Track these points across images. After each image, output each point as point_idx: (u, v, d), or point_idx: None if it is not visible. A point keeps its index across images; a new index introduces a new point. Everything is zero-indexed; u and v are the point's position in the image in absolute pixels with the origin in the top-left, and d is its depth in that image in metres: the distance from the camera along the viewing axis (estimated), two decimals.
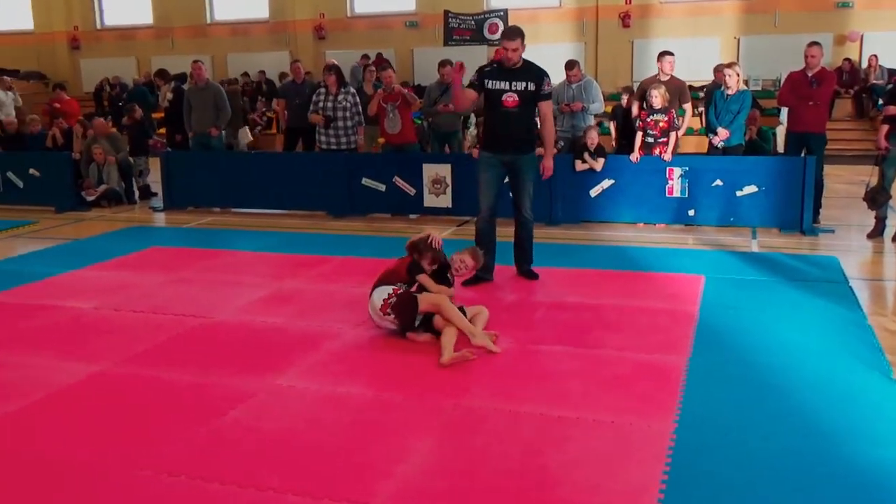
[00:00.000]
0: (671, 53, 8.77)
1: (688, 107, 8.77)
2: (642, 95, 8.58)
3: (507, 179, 6.15)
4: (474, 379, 4.18)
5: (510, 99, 5.80)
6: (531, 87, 5.81)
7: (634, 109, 8.78)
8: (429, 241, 4.90)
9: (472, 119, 12.60)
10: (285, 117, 10.89)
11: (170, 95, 11.46)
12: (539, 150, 6.24)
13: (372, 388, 4.07)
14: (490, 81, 5.84)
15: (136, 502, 3.03)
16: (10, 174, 10.43)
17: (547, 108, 6.01)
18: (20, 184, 10.42)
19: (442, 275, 4.94)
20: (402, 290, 4.76)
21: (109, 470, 3.25)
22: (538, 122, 6.18)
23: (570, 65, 9.30)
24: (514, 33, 5.75)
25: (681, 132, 8.57)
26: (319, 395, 4.02)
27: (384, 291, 4.77)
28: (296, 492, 3.06)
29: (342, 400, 3.95)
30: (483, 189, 6.07)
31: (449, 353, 4.35)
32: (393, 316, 4.72)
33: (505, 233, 6.29)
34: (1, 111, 13.24)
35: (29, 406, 3.92)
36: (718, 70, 9.22)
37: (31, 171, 10.35)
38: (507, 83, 5.80)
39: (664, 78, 8.60)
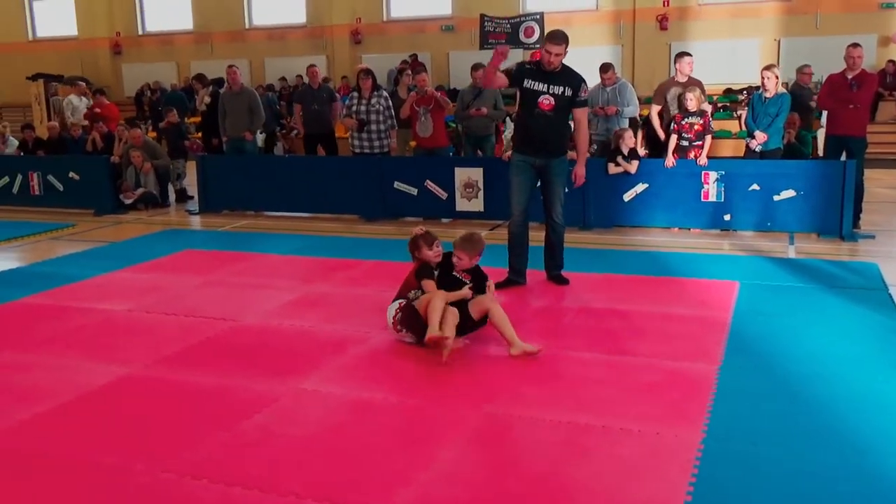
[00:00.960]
0: (689, 54, 8.65)
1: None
2: (662, 97, 8.49)
3: (538, 183, 6.10)
4: (500, 385, 4.14)
5: (546, 102, 5.75)
6: (568, 92, 5.76)
7: (655, 119, 8.64)
8: (414, 236, 4.87)
9: (508, 122, 12.57)
10: (302, 123, 10.82)
11: (207, 99, 11.59)
12: (571, 155, 6.18)
13: (396, 394, 4.05)
14: (528, 81, 5.80)
15: None
16: (50, 177, 10.63)
17: (582, 114, 5.98)
18: (60, 187, 10.61)
19: (448, 275, 4.85)
20: (405, 304, 4.74)
21: (134, 472, 3.27)
22: (572, 127, 6.12)
23: (605, 68, 9.22)
24: (561, 38, 5.68)
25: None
26: (344, 399, 4.01)
27: (393, 308, 4.78)
28: (317, 498, 3.05)
29: (367, 405, 3.93)
30: (515, 192, 6.02)
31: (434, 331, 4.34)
32: (405, 331, 4.72)
33: (538, 237, 6.24)
34: (73, 116, 13.41)
35: (59, 407, 3.97)
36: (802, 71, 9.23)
37: (72, 174, 10.54)
38: (546, 85, 5.75)
39: (682, 79, 8.48)
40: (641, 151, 9.30)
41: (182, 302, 5.87)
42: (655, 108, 8.63)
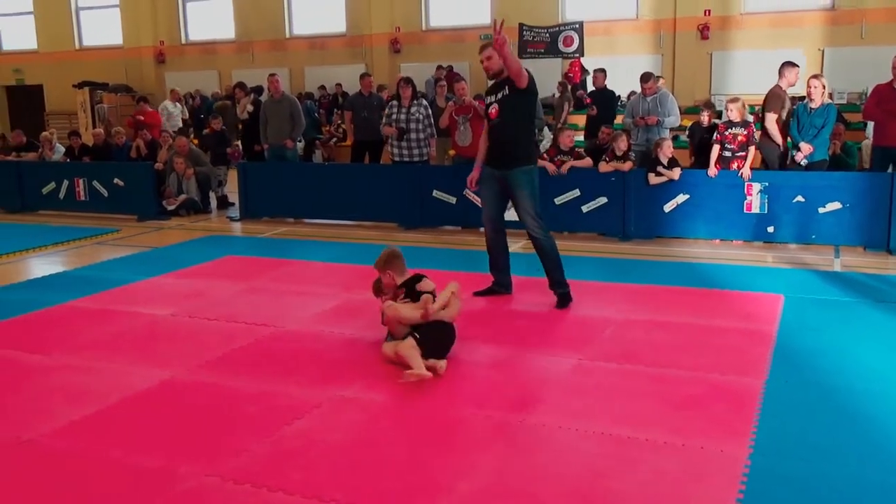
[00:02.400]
0: (796, 65, 8.60)
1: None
2: (779, 104, 8.32)
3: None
4: (541, 395, 4.12)
5: (493, 110, 5.74)
6: (506, 90, 5.64)
7: (773, 126, 8.39)
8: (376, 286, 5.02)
9: (547, 132, 12.55)
10: (352, 130, 10.95)
11: (250, 107, 11.72)
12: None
13: (437, 402, 4.04)
14: (486, 97, 5.89)
15: None
16: (95, 183, 10.82)
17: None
18: (105, 193, 10.79)
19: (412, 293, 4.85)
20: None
21: (178, 475, 3.30)
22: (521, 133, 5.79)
23: (646, 77, 9.16)
24: (485, 45, 5.75)
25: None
26: (385, 407, 4.01)
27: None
28: None
29: (407, 413, 3.93)
30: (482, 203, 6.08)
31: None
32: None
33: (569, 246, 6.20)
34: (168, 122, 13.56)
35: (106, 409, 4.03)
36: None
37: (116, 180, 10.71)
38: (493, 96, 5.77)
39: (787, 87, 8.25)
40: (688, 162, 9.21)
41: (224, 307, 5.92)
42: (772, 116, 8.40)
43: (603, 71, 11.65)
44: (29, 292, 6.58)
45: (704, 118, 9.09)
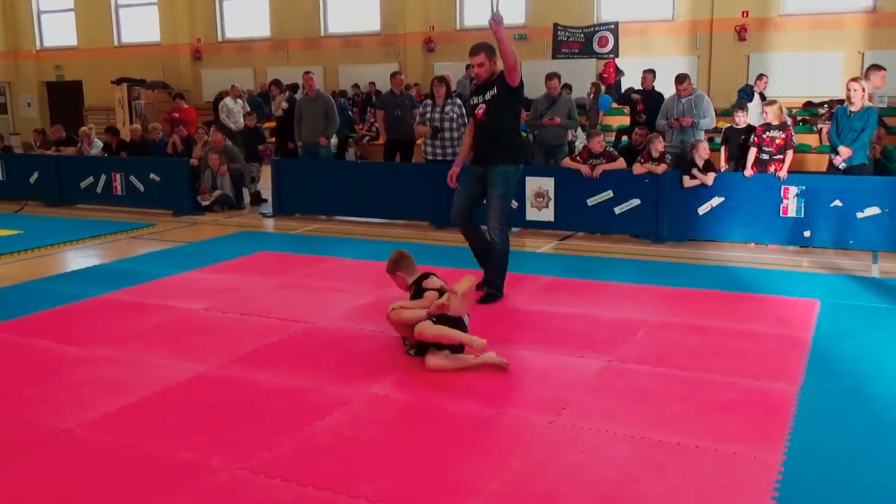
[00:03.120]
0: (883, 68, 8.31)
1: None
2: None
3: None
4: (572, 396, 4.10)
5: (480, 110, 5.79)
6: (494, 90, 5.72)
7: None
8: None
9: (580, 132, 12.48)
10: (384, 128, 10.98)
11: (285, 105, 11.79)
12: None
13: (467, 401, 4.04)
14: (473, 98, 5.91)
15: (232, 502, 3.09)
16: (132, 178, 10.97)
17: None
18: (141, 188, 10.93)
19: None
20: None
21: (210, 468, 3.33)
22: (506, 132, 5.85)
23: (681, 79, 9.08)
24: (476, 49, 5.74)
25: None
26: (414, 405, 4.02)
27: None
28: (387, 502, 3.06)
29: (436, 412, 3.93)
30: (455, 198, 6.12)
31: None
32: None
33: (602, 247, 6.16)
34: (230, 119, 13.66)
35: (138, 402, 4.08)
36: None
37: (152, 176, 10.85)
38: (480, 96, 5.82)
39: (871, 91, 8.11)
40: (723, 166, 9.10)
41: (256, 303, 5.97)
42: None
43: (652, 72, 11.54)
44: (66, 285, 6.69)
45: (740, 118, 8.99)
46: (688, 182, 8.14)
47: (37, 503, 3.12)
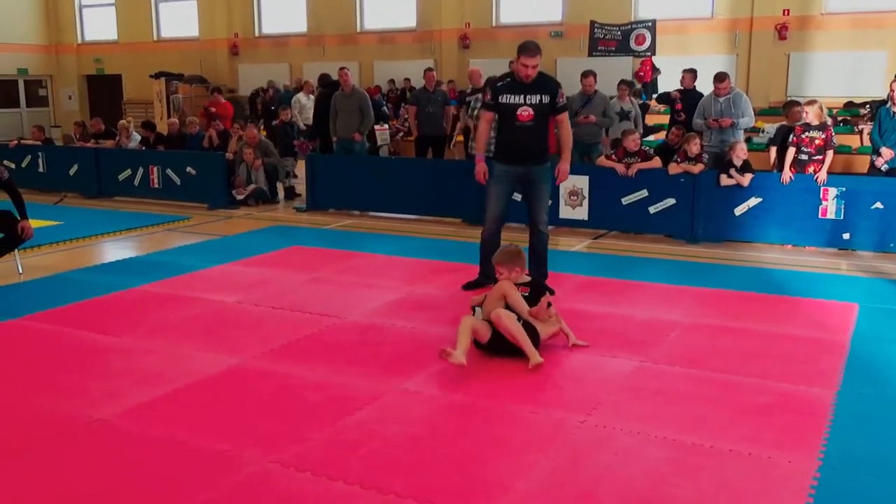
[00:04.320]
0: None
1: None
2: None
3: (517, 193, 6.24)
4: (603, 396, 4.07)
5: (525, 113, 5.76)
6: (546, 99, 5.77)
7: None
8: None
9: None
10: (416, 125, 10.96)
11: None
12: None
13: (499, 399, 4.03)
14: (505, 96, 5.82)
15: (263, 494, 3.12)
16: (169, 171, 11.10)
17: (564, 117, 5.97)
18: (178, 181, 11.06)
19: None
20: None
21: (243, 460, 3.36)
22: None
23: (720, 77, 8.95)
24: (534, 50, 5.66)
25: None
26: (446, 402, 4.02)
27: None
28: (417, 498, 3.06)
29: (468, 409, 3.93)
30: (492, 201, 6.08)
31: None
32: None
33: (636, 247, 6.10)
34: (301, 115, 13.70)
35: (173, 392, 4.13)
36: None
37: (189, 169, 10.97)
38: (522, 97, 5.76)
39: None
40: (769, 164, 8.89)
41: (288, 297, 6.01)
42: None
43: (692, 71, 11.41)
44: (103, 275, 6.79)
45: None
46: (724, 181, 8.03)
47: (71, 492, 3.16)
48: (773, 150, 8.81)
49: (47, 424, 3.75)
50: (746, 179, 7.96)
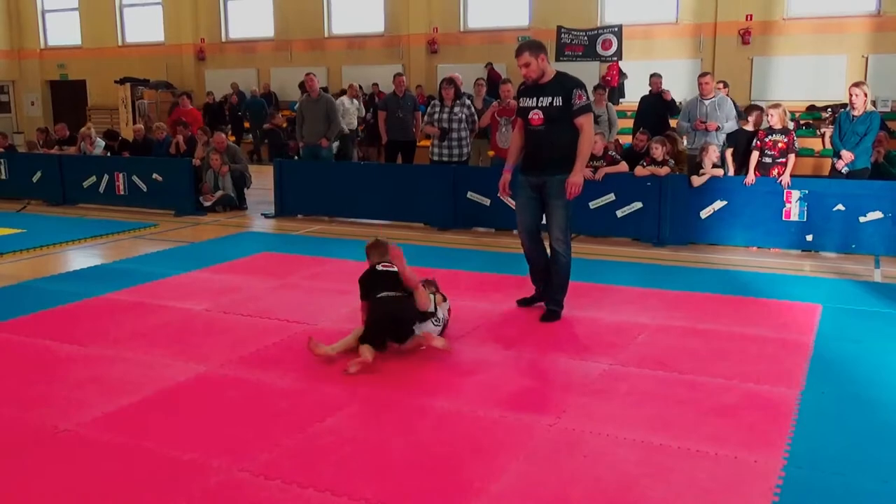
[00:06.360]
0: None
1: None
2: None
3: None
4: (573, 399, 4.10)
5: (536, 116, 5.38)
6: (558, 101, 5.32)
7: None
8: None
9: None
10: (385, 130, 10.92)
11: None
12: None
13: (469, 404, 4.04)
14: (522, 99, 5.52)
15: (233, 502, 3.09)
16: (135, 178, 10.97)
17: (584, 120, 5.37)
18: (144, 188, 10.94)
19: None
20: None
21: (211, 469, 3.33)
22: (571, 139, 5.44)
23: (704, 74, 9.22)
24: (522, 49, 5.35)
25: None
26: (416, 407, 4.02)
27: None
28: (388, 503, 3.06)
29: (439, 414, 3.93)
30: (517, 212, 5.73)
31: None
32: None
33: (604, 250, 6.16)
34: (343, 119, 13.44)
35: (141, 401, 4.08)
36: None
37: (155, 175, 10.86)
38: (535, 99, 5.41)
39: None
40: (731, 169, 9.06)
41: (257, 303, 5.97)
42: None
43: (659, 76, 11.58)
44: (67, 284, 6.69)
45: (752, 122, 8.96)
46: (696, 181, 8.09)
47: (37, 503, 3.11)
48: (729, 153, 8.94)
49: (12, 435, 3.70)
50: (719, 171, 8.10)
